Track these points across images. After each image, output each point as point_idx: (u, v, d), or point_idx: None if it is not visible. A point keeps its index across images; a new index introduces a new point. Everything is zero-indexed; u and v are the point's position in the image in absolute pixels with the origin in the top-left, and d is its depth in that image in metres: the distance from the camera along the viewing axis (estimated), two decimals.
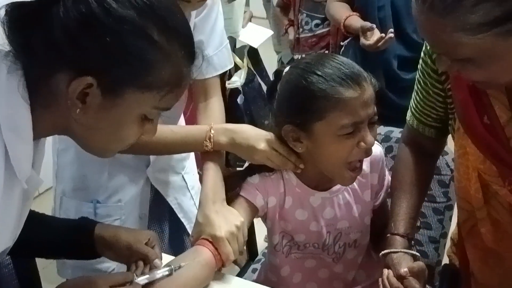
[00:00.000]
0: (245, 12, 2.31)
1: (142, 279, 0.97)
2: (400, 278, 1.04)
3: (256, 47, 2.29)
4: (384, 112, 1.56)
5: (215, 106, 1.38)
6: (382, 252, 1.11)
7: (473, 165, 1.06)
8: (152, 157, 1.44)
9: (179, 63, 0.79)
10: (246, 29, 2.27)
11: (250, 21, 2.36)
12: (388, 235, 1.13)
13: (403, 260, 1.08)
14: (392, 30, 1.85)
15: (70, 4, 0.71)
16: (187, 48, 0.81)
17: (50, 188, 1.52)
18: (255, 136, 1.20)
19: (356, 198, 1.25)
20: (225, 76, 2.16)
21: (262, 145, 1.19)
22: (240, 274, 1.52)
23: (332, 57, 1.12)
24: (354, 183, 1.22)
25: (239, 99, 2.22)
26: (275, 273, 1.29)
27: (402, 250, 1.09)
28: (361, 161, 1.15)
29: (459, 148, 1.10)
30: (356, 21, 1.95)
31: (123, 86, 0.76)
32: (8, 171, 0.77)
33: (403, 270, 1.04)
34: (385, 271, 1.08)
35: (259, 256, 1.58)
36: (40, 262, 1.33)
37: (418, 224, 1.49)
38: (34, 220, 1.05)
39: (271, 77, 1.31)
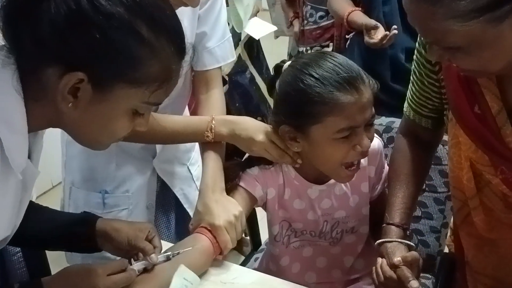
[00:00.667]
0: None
1: (138, 264, 1.02)
2: (393, 267, 1.06)
3: (257, 38, 2.30)
4: (391, 102, 1.59)
5: (217, 97, 1.41)
6: (377, 242, 1.13)
7: (465, 154, 1.08)
8: (158, 149, 1.49)
9: (168, 59, 0.81)
10: (251, 22, 2.29)
11: (256, 15, 2.37)
12: (384, 225, 1.15)
13: (397, 250, 1.09)
14: (395, 27, 1.85)
15: (59, 0, 0.73)
16: (177, 44, 0.82)
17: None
18: (254, 128, 1.24)
19: (353, 189, 1.28)
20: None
21: (260, 137, 1.22)
22: (243, 263, 1.56)
23: (330, 58, 1.13)
24: None
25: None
26: (275, 263, 1.34)
27: (397, 239, 1.11)
28: (358, 160, 1.18)
29: (452, 138, 1.11)
30: (359, 17, 1.96)
31: (112, 81, 0.78)
32: (3, 162, 0.80)
33: (396, 259, 1.06)
34: (379, 259, 1.10)
35: (263, 246, 1.63)
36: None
37: (419, 214, 1.52)
38: (38, 213, 1.11)
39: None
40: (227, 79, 2.22)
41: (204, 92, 1.42)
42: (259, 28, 2.31)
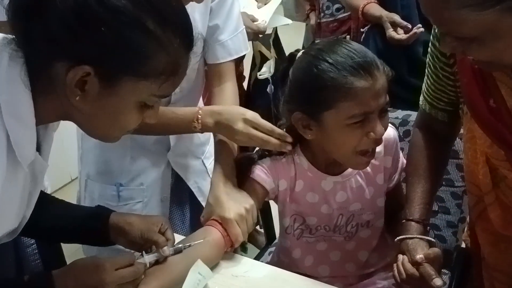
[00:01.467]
0: None
1: (150, 257, 1.04)
2: (415, 264, 1.06)
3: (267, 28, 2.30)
4: (408, 96, 1.58)
5: (230, 91, 1.42)
6: (397, 238, 1.12)
7: (481, 149, 1.08)
8: (172, 142, 1.52)
9: (175, 52, 0.82)
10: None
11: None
12: (404, 220, 1.14)
13: (419, 246, 1.08)
14: (420, 25, 1.85)
15: None
16: (184, 36, 0.84)
17: None
18: (234, 116, 1.22)
19: (369, 181, 1.28)
20: (240, 64, 2.19)
21: (239, 125, 1.20)
22: (257, 257, 1.58)
23: (344, 44, 1.13)
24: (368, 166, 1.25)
25: (269, 89, 2.26)
26: (287, 255, 1.35)
27: (418, 236, 1.10)
28: (373, 147, 1.18)
29: (467, 132, 1.11)
30: (376, 9, 1.96)
31: (119, 75, 0.79)
32: (11, 155, 0.81)
33: (419, 256, 1.05)
34: (400, 256, 1.09)
35: (277, 240, 1.64)
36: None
37: (436, 209, 1.52)
38: (53, 206, 1.14)
39: None
40: (270, 79, 2.26)
41: (217, 85, 1.43)
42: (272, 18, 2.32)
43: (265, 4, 2.28)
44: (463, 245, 1.46)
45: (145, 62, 0.80)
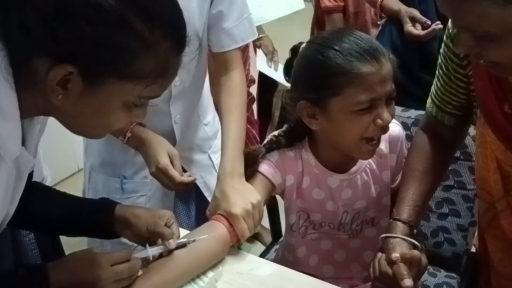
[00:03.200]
0: None
1: (154, 250, 1.07)
2: (391, 263, 1.06)
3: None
4: (419, 93, 1.59)
5: (236, 79, 1.42)
6: (381, 236, 1.14)
7: (492, 155, 1.08)
8: (178, 136, 1.54)
9: (163, 53, 0.80)
10: None
11: None
12: (391, 220, 1.16)
13: (398, 246, 1.09)
14: (439, 22, 1.87)
15: None
16: (175, 37, 0.81)
17: None
18: (151, 157, 1.36)
19: (375, 179, 1.31)
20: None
21: (152, 169, 1.35)
22: (263, 254, 1.60)
23: (350, 32, 1.15)
24: (373, 164, 1.28)
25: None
26: (292, 253, 1.38)
27: (401, 236, 1.11)
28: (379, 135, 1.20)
29: (479, 137, 1.12)
30: (394, 3, 1.98)
31: (103, 75, 0.78)
32: None
33: (394, 255, 1.06)
34: (378, 254, 1.11)
35: (283, 237, 1.66)
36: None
37: (447, 211, 1.53)
38: (56, 199, 1.15)
39: None
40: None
41: (223, 74, 1.43)
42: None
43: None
44: (473, 249, 1.47)
45: (131, 63, 0.78)
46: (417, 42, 1.91)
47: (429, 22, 1.89)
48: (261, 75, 2.60)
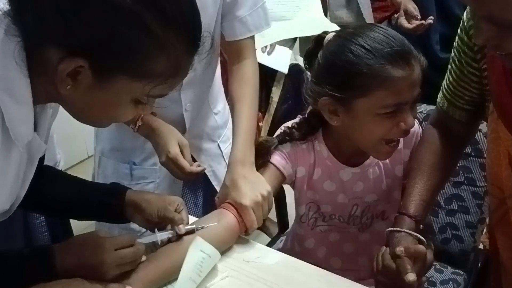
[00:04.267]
0: None
1: (162, 234, 1.09)
2: (395, 257, 1.07)
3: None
4: (427, 92, 1.61)
5: (249, 68, 1.43)
6: (387, 230, 1.14)
7: (504, 150, 1.08)
8: (188, 124, 1.55)
9: (176, 54, 0.81)
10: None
11: None
12: (397, 214, 1.16)
13: (404, 240, 1.09)
14: (432, 17, 1.91)
15: None
16: (188, 39, 0.82)
17: None
18: (162, 146, 1.37)
19: (387, 173, 1.32)
20: None
21: (163, 158, 1.37)
22: (268, 246, 1.61)
23: (380, 29, 1.14)
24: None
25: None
26: (300, 244, 1.40)
27: (406, 230, 1.11)
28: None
29: (491, 132, 1.12)
30: None
31: (114, 72, 0.79)
32: (5, 134, 0.82)
33: (398, 249, 1.06)
34: (383, 248, 1.12)
35: (289, 229, 1.68)
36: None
37: (456, 208, 1.54)
38: (67, 182, 1.18)
39: None
40: None
41: (236, 62, 1.44)
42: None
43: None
44: (481, 247, 1.48)
45: (143, 63, 0.79)
46: (408, 35, 1.95)
47: (419, 17, 1.93)
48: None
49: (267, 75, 2.72)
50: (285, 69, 2.52)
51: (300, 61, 2.40)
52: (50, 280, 0.94)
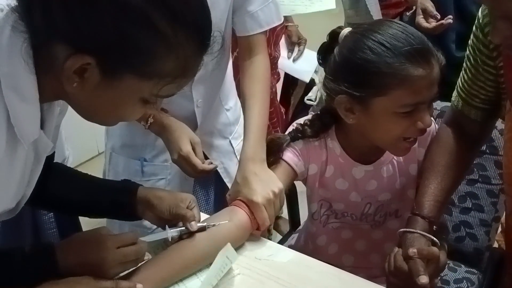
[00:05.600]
0: None
1: (173, 231, 1.10)
2: (408, 258, 1.06)
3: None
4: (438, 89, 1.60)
5: (260, 64, 1.43)
6: (399, 230, 1.14)
7: None
8: (199, 120, 1.56)
9: (185, 55, 0.81)
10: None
11: None
12: (410, 214, 1.16)
13: (417, 242, 1.09)
14: (451, 16, 1.89)
15: None
16: (198, 39, 0.82)
17: None
18: (174, 144, 1.38)
19: (401, 171, 1.32)
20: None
21: (174, 156, 1.38)
22: (280, 243, 1.61)
23: (400, 26, 1.13)
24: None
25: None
26: (312, 241, 1.40)
27: (420, 232, 1.10)
28: None
29: (508, 131, 1.11)
30: None
31: (121, 71, 0.79)
32: (11, 131, 0.82)
33: (411, 250, 1.05)
34: (395, 249, 1.12)
35: (301, 227, 1.67)
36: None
37: (470, 206, 1.53)
38: (76, 179, 1.18)
39: None
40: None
41: (247, 58, 1.44)
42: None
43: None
44: (496, 245, 1.47)
45: (151, 63, 0.79)
46: (428, 34, 1.94)
47: (438, 16, 1.91)
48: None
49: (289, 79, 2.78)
50: (307, 78, 2.53)
51: None
52: (52, 278, 0.94)
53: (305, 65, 2.63)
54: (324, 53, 1.23)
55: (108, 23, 0.75)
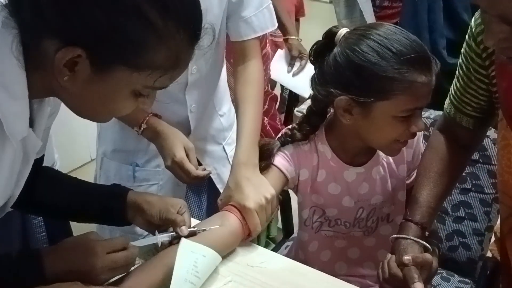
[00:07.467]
0: None
1: (163, 236, 1.09)
2: (401, 265, 1.07)
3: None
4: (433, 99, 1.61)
5: (254, 69, 1.44)
6: (392, 236, 1.15)
7: None
8: (193, 125, 1.56)
9: (176, 46, 0.81)
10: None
11: None
12: (403, 220, 1.17)
13: (410, 248, 1.10)
14: None
15: None
16: (189, 30, 0.82)
17: None
18: (167, 150, 1.38)
19: (391, 173, 1.33)
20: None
21: (168, 162, 1.38)
22: (273, 251, 1.60)
23: (403, 32, 1.14)
24: (389, 157, 1.30)
25: None
26: (303, 250, 1.40)
27: (413, 238, 1.11)
28: None
29: (502, 140, 1.12)
30: None
31: (112, 63, 0.79)
32: (0, 128, 0.81)
33: (406, 257, 1.07)
34: (388, 255, 1.13)
35: (295, 235, 1.67)
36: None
37: (463, 215, 1.54)
38: (67, 183, 1.17)
39: None
40: None
41: (240, 63, 1.45)
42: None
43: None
44: (489, 255, 1.47)
45: (142, 54, 0.79)
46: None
47: None
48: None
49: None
50: (306, 94, 2.53)
51: None
52: (39, 284, 0.91)
53: (306, 80, 2.60)
54: (318, 52, 1.22)
55: (98, 15, 0.75)
